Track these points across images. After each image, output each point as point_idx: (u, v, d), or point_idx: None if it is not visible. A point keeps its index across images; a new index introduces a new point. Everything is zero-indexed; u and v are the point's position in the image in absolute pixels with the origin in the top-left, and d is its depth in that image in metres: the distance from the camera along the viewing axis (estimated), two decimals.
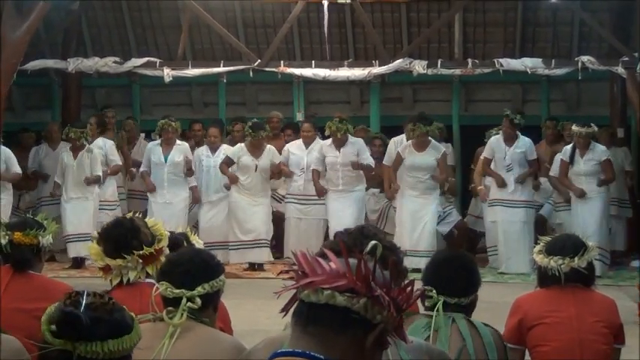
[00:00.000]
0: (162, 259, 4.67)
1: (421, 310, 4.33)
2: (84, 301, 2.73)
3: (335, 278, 2.26)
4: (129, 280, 4.64)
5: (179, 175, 13.57)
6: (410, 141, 13.26)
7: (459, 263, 4.42)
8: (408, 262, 12.52)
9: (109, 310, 2.75)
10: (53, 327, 2.69)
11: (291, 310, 2.36)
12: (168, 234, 4.92)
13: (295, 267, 2.32)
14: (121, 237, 4.66)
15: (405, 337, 2.36)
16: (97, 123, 14.40)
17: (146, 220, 4.83)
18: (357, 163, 13.09)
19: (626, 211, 14.49)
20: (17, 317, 4.84)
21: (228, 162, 13.41)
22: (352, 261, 2.28)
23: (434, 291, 4.25)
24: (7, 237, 5.15)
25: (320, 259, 2.29)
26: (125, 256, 4.61)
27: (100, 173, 13.48)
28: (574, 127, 13.07)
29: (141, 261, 4.63)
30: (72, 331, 2.67)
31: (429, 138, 13.19)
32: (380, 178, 13.88)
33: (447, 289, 4.26)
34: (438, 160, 13.14)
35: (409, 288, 2.34)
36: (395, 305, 2.29)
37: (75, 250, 13.31)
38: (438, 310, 4.19)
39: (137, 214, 4.93)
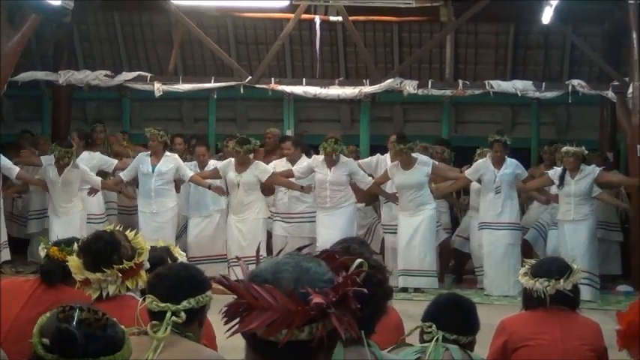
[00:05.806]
0: (143, 273, 4.67)
1: None
2: (76, 317, 2.70)
3: (288, 315, 2.04)
4: (108, 294, 4.61)
5: (166, 186, 13.45)
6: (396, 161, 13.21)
7: (461, 305, 4.46)
8: (404, 281, 12.58)
9: (103, 326, 2.72)
10: (46, 341, 2.67)
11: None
12: (149, 248, 4.88)
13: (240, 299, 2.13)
14: (101, 251, 4.61)
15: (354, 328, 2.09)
16: (79, 137, 14.35)
17: (126, 233, 4.78)
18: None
19: (616, 235, 14.40)
20: (29, 328, 4.82)
21: (210, 175, 13.38)
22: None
23: (433, 326, 4.29)
24: (45, 250, 5.25)
25: (262, 291, 2.10)
26: (104, 270, 4.57)
27: (95, 179, 13.36)
28: (564, 148, 13.00)
29: (120, 275, 4.59)
30: (66, 348, 2.64)
31: (414, 155, 13.08)
32: (368, 194, 13.83)
33: (447, 326, 4.30)
34: (428, 175, 13.05)
35: (353, 276, 2.12)
36: (344, 297, 2.08)
37: None
38: (437, 340, 4.22)
39: (120, 227, 4.89)
